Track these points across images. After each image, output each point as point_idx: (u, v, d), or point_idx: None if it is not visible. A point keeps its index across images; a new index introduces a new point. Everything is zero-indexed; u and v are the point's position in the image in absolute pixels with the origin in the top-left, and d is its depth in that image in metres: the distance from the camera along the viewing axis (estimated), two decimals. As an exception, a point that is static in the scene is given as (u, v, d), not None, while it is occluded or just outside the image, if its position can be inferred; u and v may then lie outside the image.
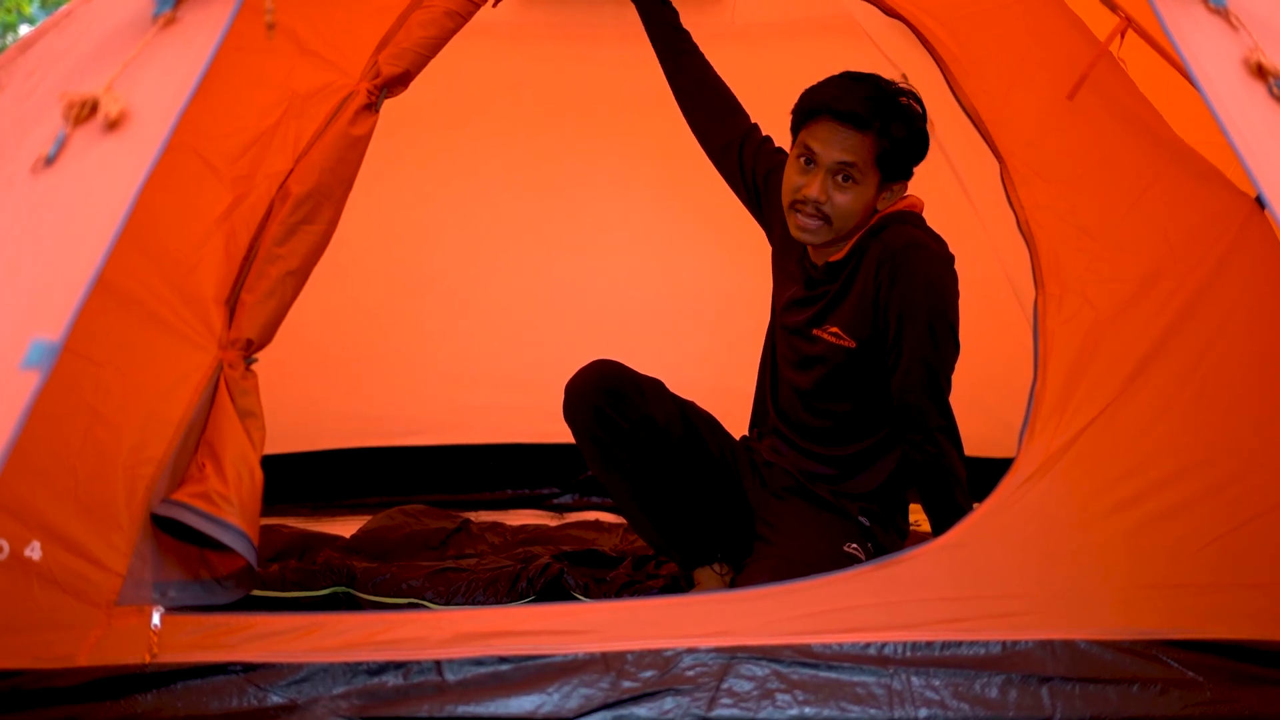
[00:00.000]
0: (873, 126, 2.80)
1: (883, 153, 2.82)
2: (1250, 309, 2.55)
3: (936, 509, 2.83)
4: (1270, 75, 2.02)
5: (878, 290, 2.83)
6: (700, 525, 2.96)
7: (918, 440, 2.84)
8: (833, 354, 2.91)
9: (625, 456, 2.91)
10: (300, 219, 2.58)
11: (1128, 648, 2.38)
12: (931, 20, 2.73)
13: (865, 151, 2.81)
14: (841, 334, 2.89)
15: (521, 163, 4.43)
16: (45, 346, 1.67)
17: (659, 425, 2.90)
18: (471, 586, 2.99)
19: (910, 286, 2.81)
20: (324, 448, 4.32)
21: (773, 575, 2.67)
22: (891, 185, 2.87)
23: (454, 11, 2.72)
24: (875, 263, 2.84)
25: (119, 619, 2.33)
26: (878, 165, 2.83)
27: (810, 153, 2.84)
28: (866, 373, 2.89)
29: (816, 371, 2.95)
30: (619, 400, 2.89)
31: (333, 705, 2.30)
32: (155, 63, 2.01)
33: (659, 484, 2.93)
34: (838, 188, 2.82)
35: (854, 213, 2.84)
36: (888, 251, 2.83)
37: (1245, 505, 2.47)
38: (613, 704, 2.31)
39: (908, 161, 2.88)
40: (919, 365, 2.82)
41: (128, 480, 2.39)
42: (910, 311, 2.81)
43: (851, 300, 2.88)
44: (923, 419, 2.83)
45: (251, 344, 2.53)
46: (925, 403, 2.83)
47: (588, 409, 2.90)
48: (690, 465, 2.94)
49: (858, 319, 2.87)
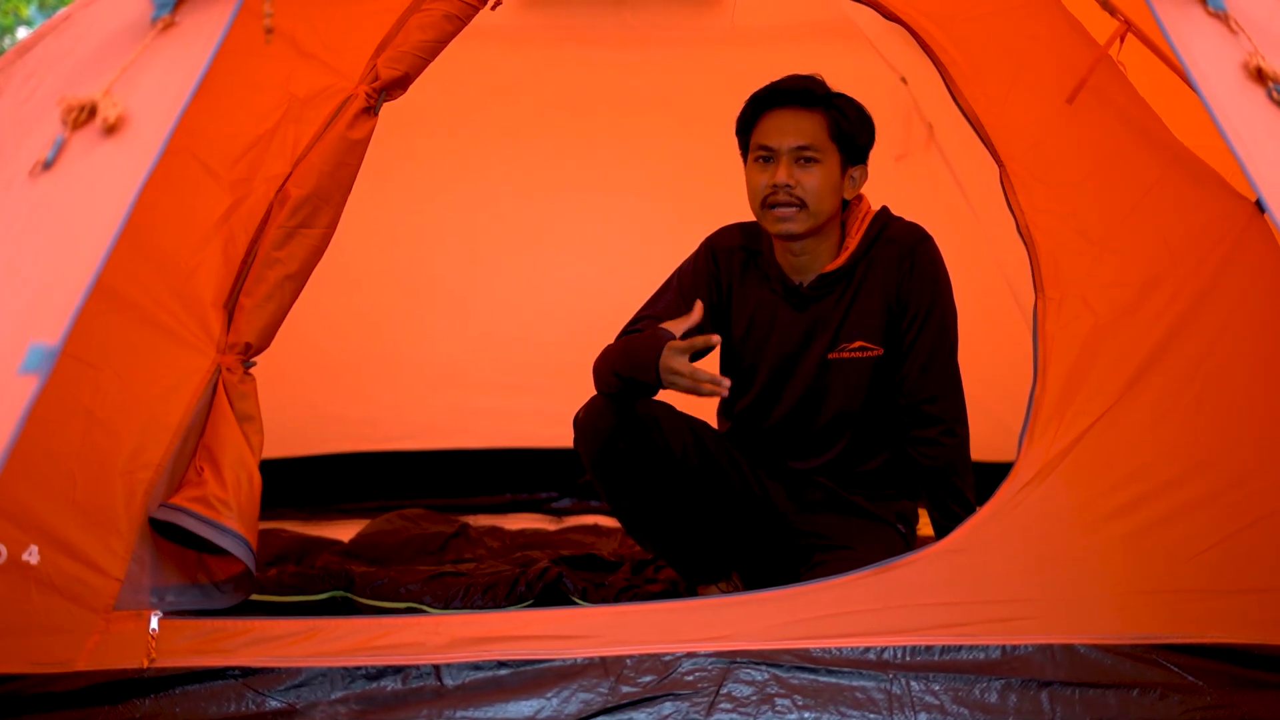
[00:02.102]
0: (820, 101, 2.85)
1: (836, 128, 2.84)
2: (1250, 313, 2.54)
3: (948, 507, 2.81)
4: (1269, 79, 2.02)
5: (900, 284, 2.84)
6: (712, 547, 2.93)
7: (934, 434, 2.83)
8: (858, 370, 2.88)
9: (640, 488, 2.85)
10: (299, 222, 2.58)
11: (1127, 652, 2.38)
12: (931, 24, 2.73)
13: (820, 130, 2.84)
14: (868, 344, 2.87)
15: (520, 166, 4.43)
16: (44, 351, 1.66)
17: (676, 455, 2.83)
18: (470, 591, 2.98)
19: (929, 280, 2.85)
20: (322, 452, 4.33)
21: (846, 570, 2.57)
22: (851, 170, 2.87)
23: (453, 15, 2.72)
24: (893, 259, 2.85)
25: (117, 623, 2.33)
26: (834, 141, 2.84)
27: (765, 149, 2.85)
28: (886, 380, 2.88)
29: (841, 395, 2.89)
30: (634, 434, 2.81)
31: (331, 710, 2.30)
32: (153, 67, 2.01)
33: (672, 510, 2.87)
34: (802, 170, 2.83)
35: (824, 192, 2.83)
36: (904, 246, 2.85)
37: (1245, 510, 2.47)
38: (612, 709, 2.31)
39: (860, 140, 2.88)
40: (941, 356, 2.84)
41: (126, 485, 2.39)
42: (933, 304, 2.84)
43: (866, 306, 2.87)
44: (941, 410, 2.83)
45: (250, 348, 2.53)
46: (946, 391, 2.84)
47: (604, 446, 2.83)
48: (706, 489, 2.88)
49: (878, 322, 2.86)
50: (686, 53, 4.29)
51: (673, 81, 4.32)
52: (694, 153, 4.37)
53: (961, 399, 2.86)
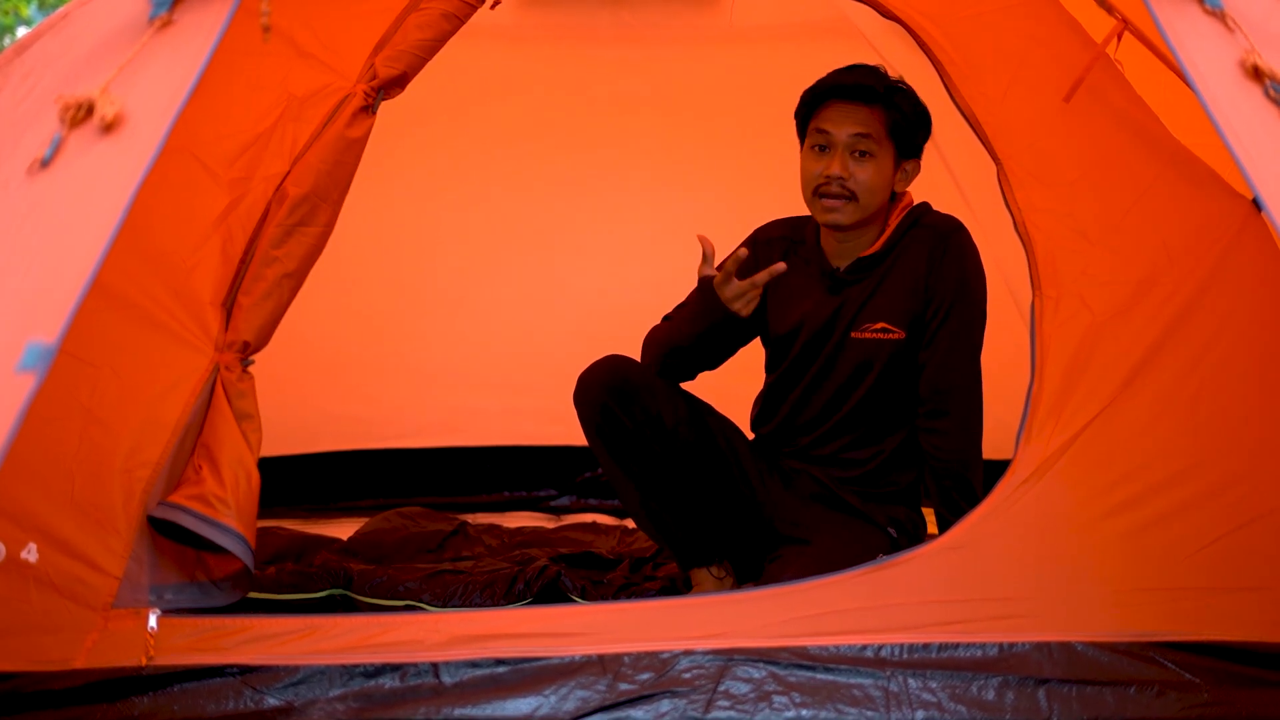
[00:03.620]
0: (880, 98, 2.87)
1: (894, 124, 2.87)
2: (1247, 311, 2.55)
3: (953, 500, 2.82)
4: (1266, 77, 2.02)
5: (930, 271, 2.86)
6: (702, 526, 2.95)
7: (943, 426, 2.85)
8: (877, 350, 2.90)
9: (630, 454, 2.90)
10: (297, 221, 2.58)
11: (1125, 650, 2.38)
12: (929, 23, 2.73)
13: (877, 123, 2.87)
14: (890, 326, 2.89)
15: (519, 164, 4.43)
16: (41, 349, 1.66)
17: (666, 425, 2.88)
18: (469, 589, 2.98)
19: (961, 269, 2.87)
20: (321, 450, 4.32)
21: (804, 573, 2.62)
22: (905, 164, 2.91)
23: (451, 14, 2.72)
24: (925, 247, 2.87)
25: (116, 622, 2.33)
26: (891, 137, 2.87)
27: (824, 136, 2.88)
28: (906, 365, 2.89)
29: (860, 374, 2.92)
30: (627, 398, 2.88)
31: (329, 707, 2.30)
32: (151, 65, 2.01)
33: (663, 483, 2.92)
34: (856, 163, 2.86)
35: (876, 188, 2.87)
36: (939, 233, 2.88)
37: (1242, 508, 2.47)
38: (609, 706, 2.31)
39: (917, 135, 2.92)
40: (965, 346, 2.86)
41: (124, 483, 2.39)
42: (963, 292, 2.86)
43: (894, 290, 2.89)
44: (953, 405, 2.85)
45: (248, 346, 2.53)
46: (961, 386, 2.85)
47: (595, 404, 2.89)
48: (696, 466, 2.92)
49: (904, 306, 2.88)
50: (684, 52, 4.29)
51: (671, 81, 4.32)
52: (692, 152, 4.38)
53: (978, 396, 2.87)
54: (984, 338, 2.91)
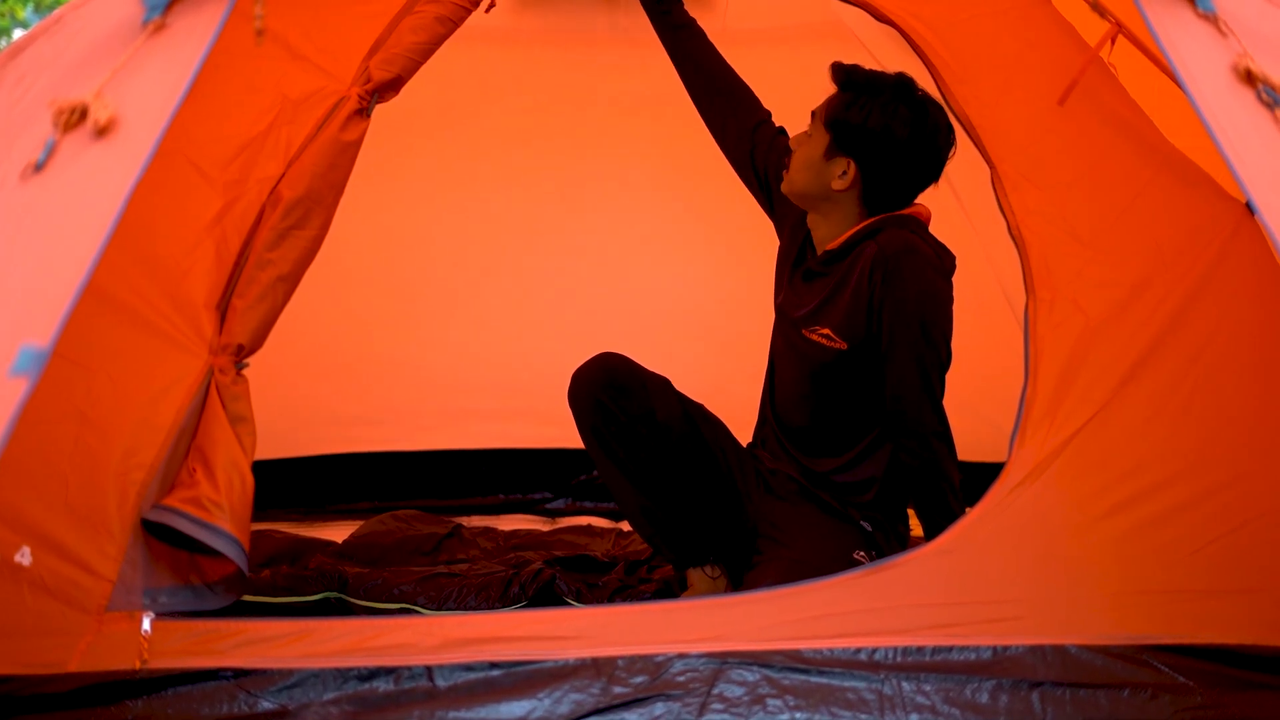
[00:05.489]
0: (839, 82, 2.90)
1: (834, 114, 2.87)
2: (1241, 314, 2.55)
3: (930, 514, 2.83)
4: (1259, 81, 2.02)
5: (871, 292, 2.83)
6: (695, 525, 2.95)
7: (912, 446, 2.85)
8: (822, 355, 2.91)
9: (623, 450, 2.91)
10: (291, 224, 2.58)
11: (1119, 653, 2.38)
12: (923, 26, 2.73)
13: (824, 109, 2.90)
14: (833, 336, 2.89)
15: (515, 167, 4.43)
16: (34, 353, 1.67)
17: (658, 421, 2.90)
18: (463, 592, 2.98)
19: (903, 292, 2.81)
20: (315, 453, 4.32)
21: (781, 578, 2.66)
22: (841, 160, 2.87)
23: (445, 17, 2.72)
24: (870, 263, 2.83)
25: (109, 625, 2.33)
26: (827, 126, 2.88)
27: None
28: (857, 374, 2.89)
29: (807, 370, 2.95)
30: (620, 394, 2.89)
31: (323, 711, 2.29)
32: (145, 69, 2.01)
33: (655, 480, 2.93)
34: (799, 140, 2.94)
35: (797, 165, 2.93)
36: (883, 254, 2.83)
37: (1236, 511, 2.47)
38: (603, 709, 2.31)
39: (859, 138, 2.85)
40: (912, 370, 2.82)
41: (118, 486, 2.39)
42: (902, 316, 2.81)
43: (845, 301, 2.88)
44: (916, 424, 2.84)
45: (242, 349, 2.52)
46: (918, 408, 2.83)
47: (589, 399, 2.91)
48: (688, 464, 2.93)
49: (850, 321, 2.87)
50: (680, 54, 4.29)
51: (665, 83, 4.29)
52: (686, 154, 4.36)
53: (941, 414, 2.85)
54: (949, 355, 2.87)
